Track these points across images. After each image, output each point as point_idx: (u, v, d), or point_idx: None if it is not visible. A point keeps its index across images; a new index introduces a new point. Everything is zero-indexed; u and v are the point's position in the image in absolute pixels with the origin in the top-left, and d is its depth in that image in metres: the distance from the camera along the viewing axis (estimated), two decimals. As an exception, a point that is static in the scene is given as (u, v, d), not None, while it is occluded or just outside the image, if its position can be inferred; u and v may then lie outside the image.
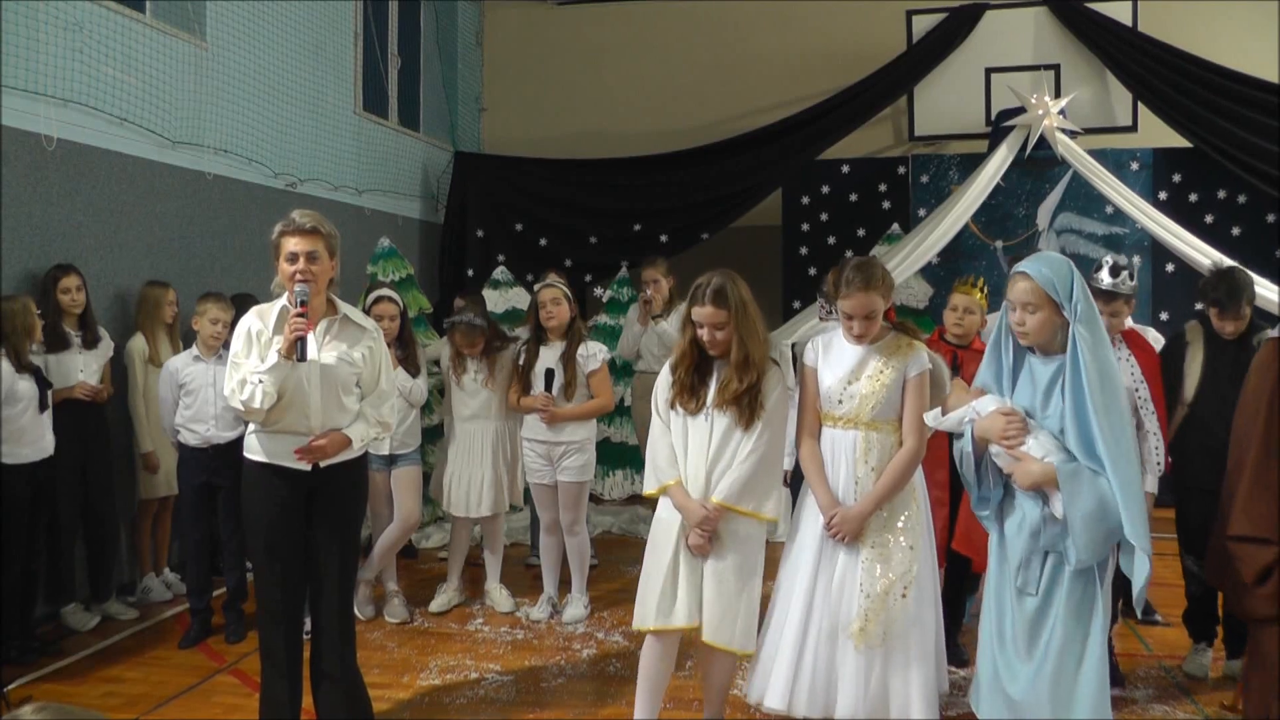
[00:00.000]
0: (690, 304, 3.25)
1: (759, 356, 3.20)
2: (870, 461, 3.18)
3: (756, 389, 3.18)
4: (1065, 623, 2.76)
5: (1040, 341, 2.83)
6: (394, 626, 4.86)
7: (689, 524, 3.22)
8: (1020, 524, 2.86)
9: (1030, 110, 7.20)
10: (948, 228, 6.98)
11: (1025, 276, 2.80)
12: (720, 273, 3.25)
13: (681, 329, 3.35)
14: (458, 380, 5.00)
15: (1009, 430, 2.82)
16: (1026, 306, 2.79)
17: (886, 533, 3.17)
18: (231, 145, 6.14)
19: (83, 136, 5.05)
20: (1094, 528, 2.68)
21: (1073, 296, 2.75)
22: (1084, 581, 2.78)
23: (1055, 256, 2.86)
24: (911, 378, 3.18)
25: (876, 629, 3.08)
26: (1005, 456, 2.86)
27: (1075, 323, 2.74)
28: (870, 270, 3.17)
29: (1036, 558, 2.82)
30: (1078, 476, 2.71)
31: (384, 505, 4.94)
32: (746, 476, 3.20)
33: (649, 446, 3.42)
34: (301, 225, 3.21)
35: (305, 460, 3.22)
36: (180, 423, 4.68)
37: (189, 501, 4.71)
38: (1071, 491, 2.70)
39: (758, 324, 3.22)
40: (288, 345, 3.14)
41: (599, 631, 4.77)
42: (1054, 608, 2.78)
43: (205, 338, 4.68)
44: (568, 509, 4.87)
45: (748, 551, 3.24)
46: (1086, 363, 2.71)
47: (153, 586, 5.26)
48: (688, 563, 3.24)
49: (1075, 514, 2.69)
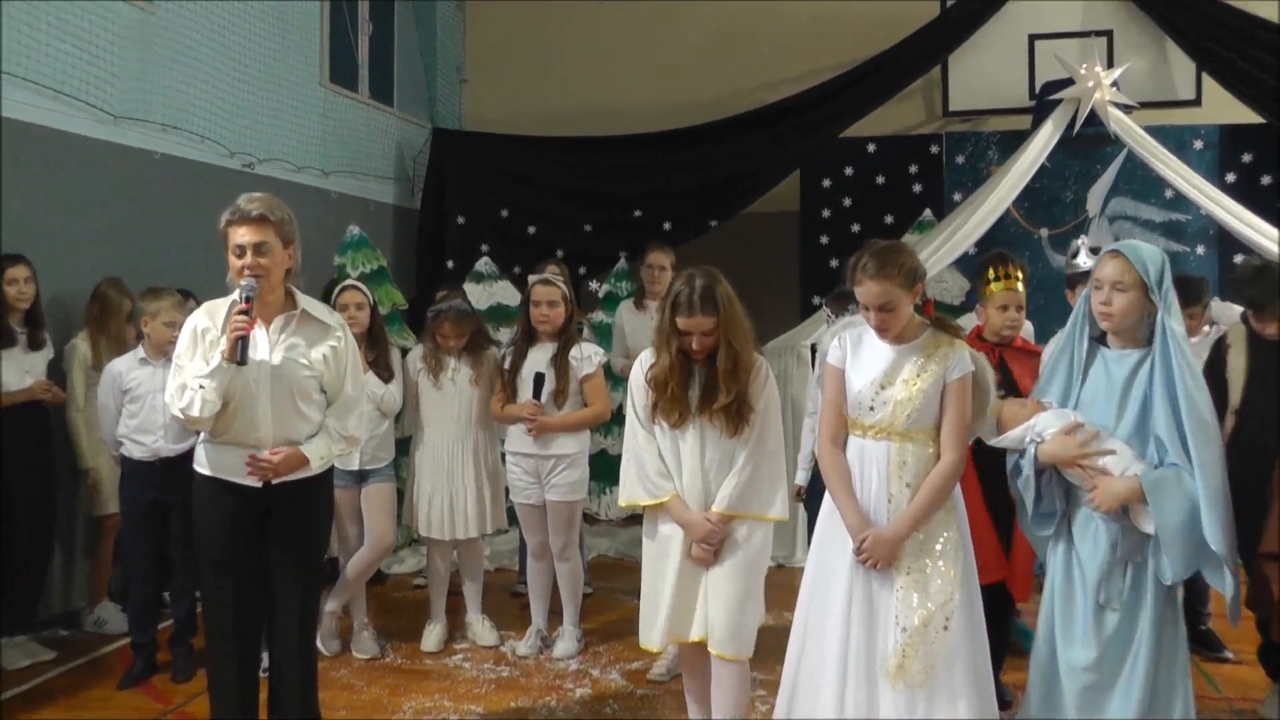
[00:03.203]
0: (673, 313, 3.30)
1: (747, 360, 3.33)
2: (905, 476, 3.13)
3: (744, 394, 3.30)
4: (1152, 642, 2.90)
5: (1123, 326, 2.98)
6: (363, 663, 4.82)
7: (693, 538, 3.36)
8: (1097, 535, 2.99)
9: (1079, 82, 7.15)
10: (986, 214, 6.93)
11: (1118, 255, 2.99)
12: (701, 272, 3.36)
13: (663, 341, 3.37)
14: (434, 380, 4.93)
15: (1085, 452, 2.96)
16: (1116, 285, 2.95)
17: (924, 558, 3.12)
18: (182, 121, 6.11)
19: (14, 111, 5.00)
20: (1188, 536, 2.81)
21: (1164, 284, 2.91)
22: (1168, 597, 2.92)
23: (1151, 246, 3.03)
24: (952, 381, 3.13)
25: (916, 666, 3.04)
26: (1080, 476, 2.99)
27: (1164, 311, 2.89)
28: (887, 255, 3.14)
29: (1118, 570, 2.95)
30: (1164, 485, 2.85)
31: (352, 526, 4.90)
32: (747, 482, 3.35)
33: (630, 453, 3.50)
34: (248, 213, 3.18)
35: (254, 476, 3.18)
36: (124, 433, 4.64)
37: (133, 522, 4.65)
38: (1160, 502, 2.83)
39: (744, 323, 3.36)
40: (229, 346, 3.10)
41: (594, 668, 4.73)
42: (1139, 625, 2.92)
43: (158, 342, 4.62)
44: (558, 531, 4.83)
45: (751, 555, 3.38)
46: (1176, 352, 2.86)
47: (108, 616, 5.22)
48: (690, 574, 3.39)
49: (1166, 525, 2.83)
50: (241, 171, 6.61)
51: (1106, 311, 2.98)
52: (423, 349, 5.00)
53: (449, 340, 4.90)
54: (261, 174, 6.77)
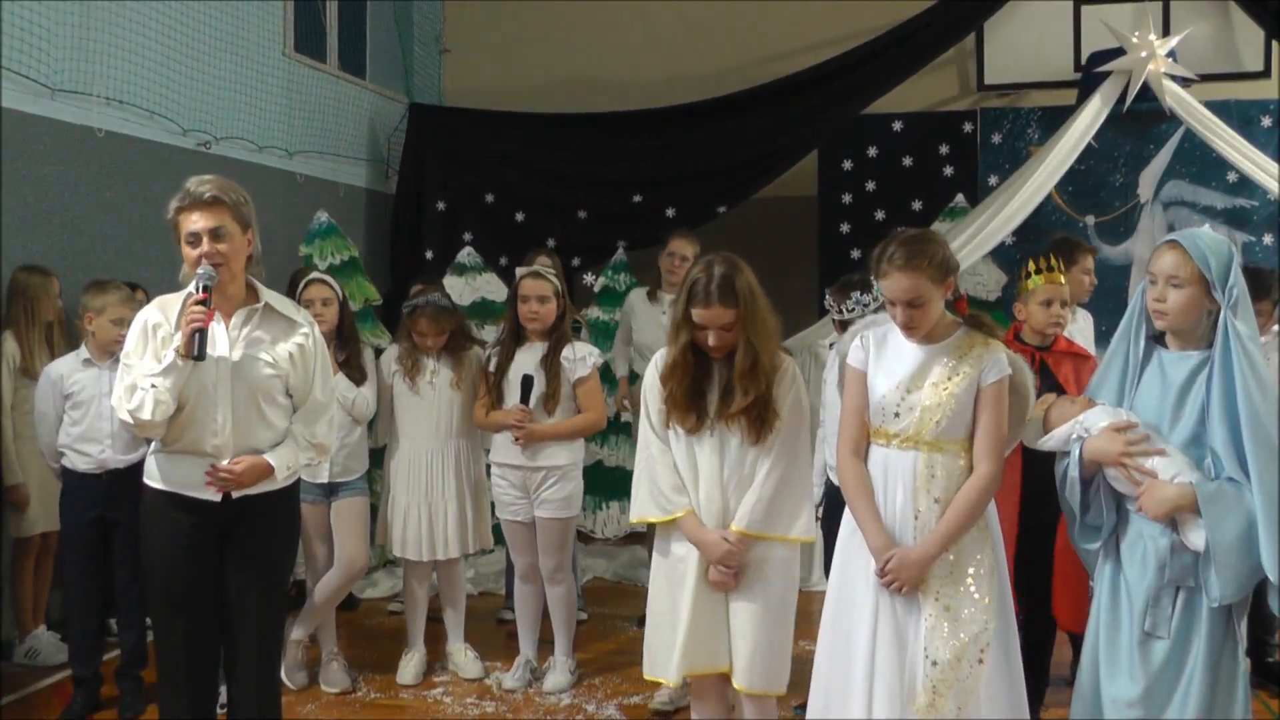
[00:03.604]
0: (688, 304, 3.31)
1: (768, 360, 3.32)
2: (934, 491, 3.14)
3: (767, 397, 3.28)
4: (1206, 674, 2.88)
5: (1180, 326, 2.97)
6: (333, 697, 4.84)
7: (709, 559, 3.33)
8: (1144, 556, 2.98)
9: (1131, 52, 7.16)
10: (1025, 199, 6.94)
11: (1175, 246, 2.96)
12: (720, 259, 3.35)
13: (673, 333, 3.38)
14: (411, 383, 4.94)
15: (1130, 450, 2.94)
16: (1172, 280, 2.93)
17: (955, 584, 3.13)
18: (128, 95, 6.12)
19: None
20: (1244, 557, 2.81)
21: (1229, 280, 2.88)
22: (1224, 624, 2.90)
23: (1215, 234, 3.01)
24: (987, 385, 3.14)
25: (949, 705, 3.05)
26: (1125, 481, 2.98)
27: (1228, 309, 2.86)
28: (916, 245, 3.15)
29: (1167, 594, 2.94)
30: (1221, 497, 2.84)
31: (321, 545, 4.92)
32: (770, 498, 3.32)
33: (643, 466, 3.50)
34: (199, 196, 3.20)
35: (214, 488, 3.20)
36: (66, 443, 4.64)
37: (75, 542, 4.65)
38: (1216, 515, 2.83)
39: (767, 318, 3.35)
40: (184, 340, 3.12)
41: (588, 703, 4.75)
42: (1191, 655, 2.91)
43: (104, 341, 4.63)
44: (549, 552, 4.84)
45: (778, 579, 3.37)
46: (1239, 357, 2.84)
47: (40, 646, 5.23)
48: (709, 600, 3.36)
49: (1220, 541, 2.82)
50: (196, 151, 6.62)
51: (1161, 309, 2.97)
52: (398, 349, 5.02)
53: (426, 339, 4.91)
54: (218, 154, 6.78)
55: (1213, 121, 7.00)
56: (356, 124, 8.58)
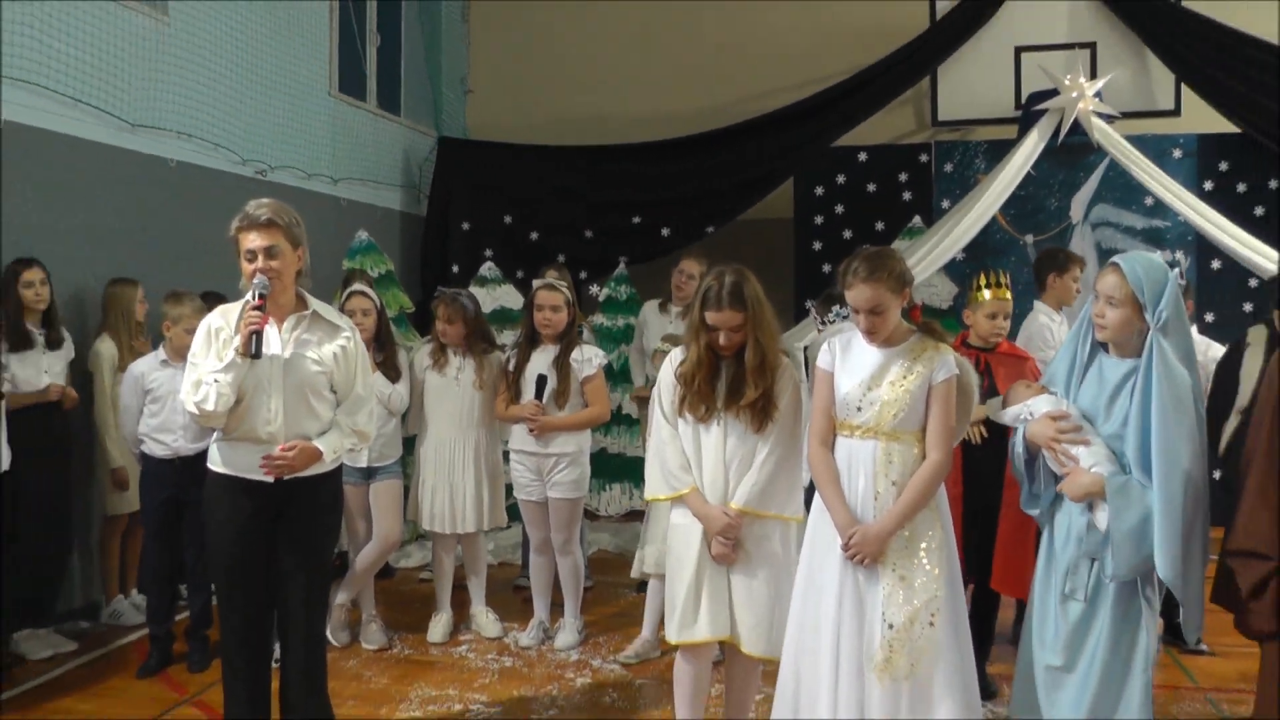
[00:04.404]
0: (702, 308, 3.28)
1: (774, 358, 3.30)
2: (891, 475, 3.15)
3: (770, 391, 3.28)
4: (1110, 634, 2.93)
5: (1116, 339, 3.00)
6: (371, 654, 4.84)
7: (710, 532, 3.32)
8: (1068, 530, 3.04)
9: (1063, 92, 7.18)
10: (974, 220, 6.96)
11: (1116, 270, 2.96)
12: (731, 270, 3.32)
13: (692, 336, 3.36)
14: (439, 375, 4.94)
15: (1059, 437, 3.00)
16: (1110, 299, 2.95)
17: (910, 557, 3.13)
18: (195, 129, 6.13)
19: (33, 118, 5.02)
20: (1137, 545, 2.84)
21: (1160, 303, 2.89)
22: (1130, 593, 2.93)
23: (1156, 260, 3.00)
24: (937, 384, 3.15)
25: (903, 660, 3.05)
26: (1055, 463, 3.04)
27: (1156, 331, 2.88)
28: (877, 260, 3.16)
29: (1084, 564, 2.99)
30: (1126, 491, 2.87)
31: (361, 522, 4.92)
32: (767, 479, 3.31)
33: (655, 450, 3.48)
34: (257, 218, 3.21)
35: (269, 472, 3.20)
36: (145, 432, 4.66)
37: (152, 519, 4.68)
38: (1119, 506, 2.87)
39: (771, 321, 3.33)
40: (243, 340, 3.13)
41: (594, 659, 4.75)
42: (1099, 616, 2.96)
43: (179, 346, 4.62)
44: (560, 527, 4.85)
45: (776, 555, 3.35)
46: (1159, 374, 2.85)
47: (123, 610, 5.25)
48: (712, 571, 3.34)
49: (1119, 528, 2.86)
50: (253, 178, 6.62)
51: (1101, 323, 2.99)
52: (430, 346, 5.03)
53: (444, 326, 4.92)
54: (273, 181, 6.79)
55: (1133, 153, 7.03)
56: (392, 155, 8.57)
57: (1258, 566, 2.64)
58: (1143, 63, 7.72)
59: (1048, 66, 7.42)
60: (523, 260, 8.07)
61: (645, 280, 7.43)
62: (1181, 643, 4.75)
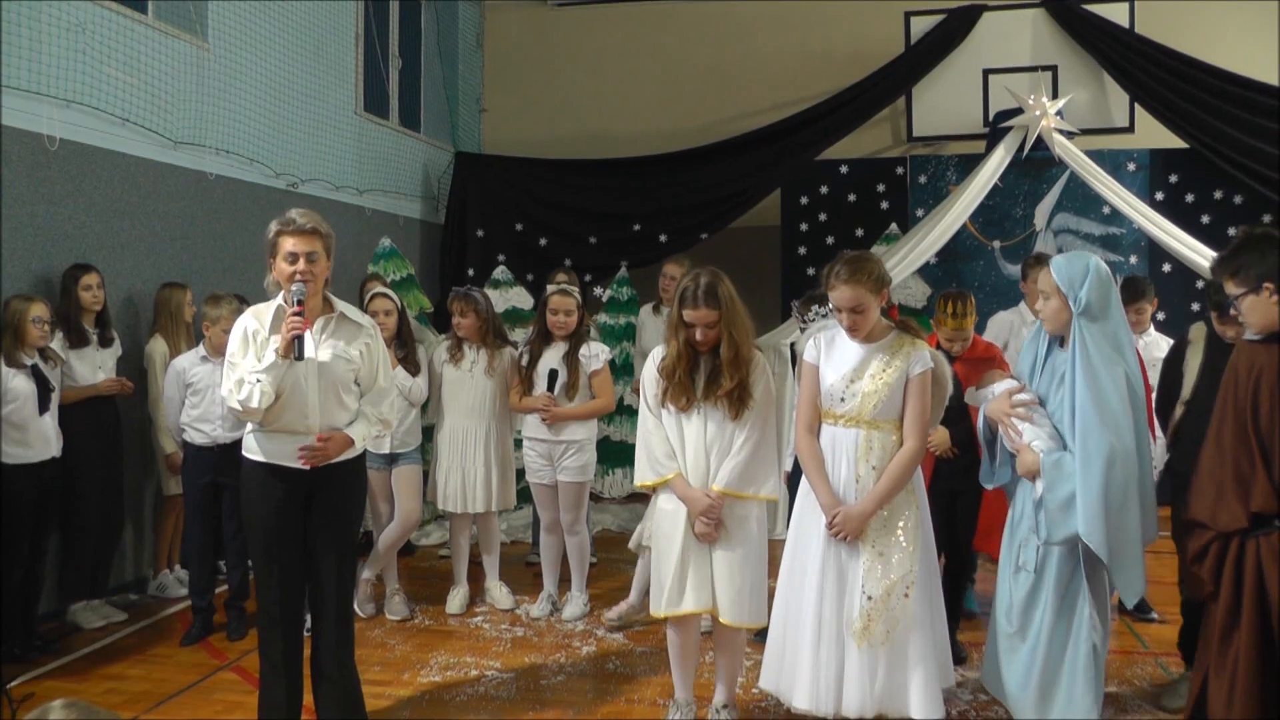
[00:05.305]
0: (680, 306, 3.29)
1: (747, 352, 3.31)
2: (871, 460, 3.16)
3: (745, 382, 3.29)
4: (1053, 604, 3.00)
5: (1054, 329, 3.08)
6: (395, 624, 4.84)
7: (694, 513, 3.32)
8: (1023, 505, 3.11)
9: (1028, 111, 7.17)
10: (946, 228, 6.95)
11: (1047, 267, 3.09)
12: (706, 271, 3.34)
13: (672, 332, 3.36)
14: (455, 367, 4.94)
15: (1009, 411, 3.08)
16: (1044, 294, 3.06)
17: (888, 535, 3.15)
18: (233, 146, 6.11)
19: (85, 137, 5.02)
20: (1065, 515, 2.94)
21: (1080, 291, 2.97)
22: (1071, 565, 3.00)
23: (1083, 256, 3.07)
24: (914, 376, 3.16)
25: (879, 628, 3.07)
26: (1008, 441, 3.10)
27: (1078, 315, 2.96)
28: (858, 263, 3.17)
29: (1033, 538, 3.06)
30: (1059, 467, 2.96)
31: (384, 504, 4.92)
32: (744, 463, 3.32)
33: (642, 439, 3.49)
34: (302, 226, 3.20)
35: (307, 462, 3.20)
36: (186, 422, 4.67)
37: (193, 501, 4.69)
38: (1051, 480, 2.96)
39: (744, 319, 3.34)
40: (285, 344, 3.13)
41: (598, 629, 4.75)
42: (1044, 585, 3.03)
43: (218, 344, 4.62)
44: (568, 508, 4.85)
45: (752, 533, 3.36)
46: (1080, 356, 2.94)
47: (168, 583, 5.27)
48: (695, 549, 3.35)
49: (1052, 500, 2.96)
50: (286, 190, 6.61)
51: (1043, 316, 3.08)
52: (448, 342, 5.03)
53: (458, 319, 4.92)
54: (304, 193, 6.77)
55: (1091, 166, 7.02)
56: (413, 169, 8.56)
57: (1200, 535, 2.67)
58: (1100, 84, 7.71)
59: (1013, 87, 7.42)
60: (532, 264, 8.07)
61: (645, 282, 7.43)
62: (1134, 612, 4.76)
